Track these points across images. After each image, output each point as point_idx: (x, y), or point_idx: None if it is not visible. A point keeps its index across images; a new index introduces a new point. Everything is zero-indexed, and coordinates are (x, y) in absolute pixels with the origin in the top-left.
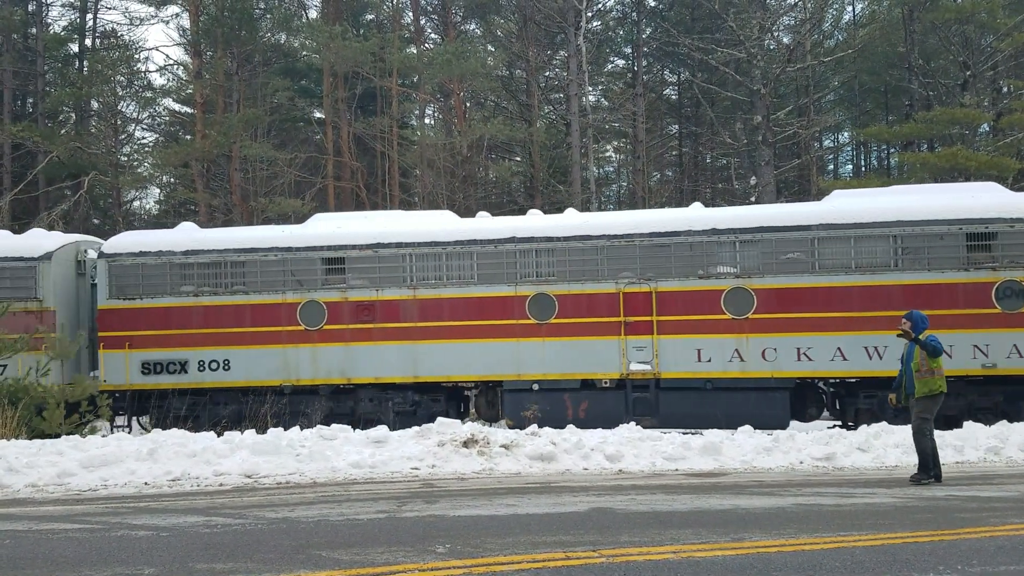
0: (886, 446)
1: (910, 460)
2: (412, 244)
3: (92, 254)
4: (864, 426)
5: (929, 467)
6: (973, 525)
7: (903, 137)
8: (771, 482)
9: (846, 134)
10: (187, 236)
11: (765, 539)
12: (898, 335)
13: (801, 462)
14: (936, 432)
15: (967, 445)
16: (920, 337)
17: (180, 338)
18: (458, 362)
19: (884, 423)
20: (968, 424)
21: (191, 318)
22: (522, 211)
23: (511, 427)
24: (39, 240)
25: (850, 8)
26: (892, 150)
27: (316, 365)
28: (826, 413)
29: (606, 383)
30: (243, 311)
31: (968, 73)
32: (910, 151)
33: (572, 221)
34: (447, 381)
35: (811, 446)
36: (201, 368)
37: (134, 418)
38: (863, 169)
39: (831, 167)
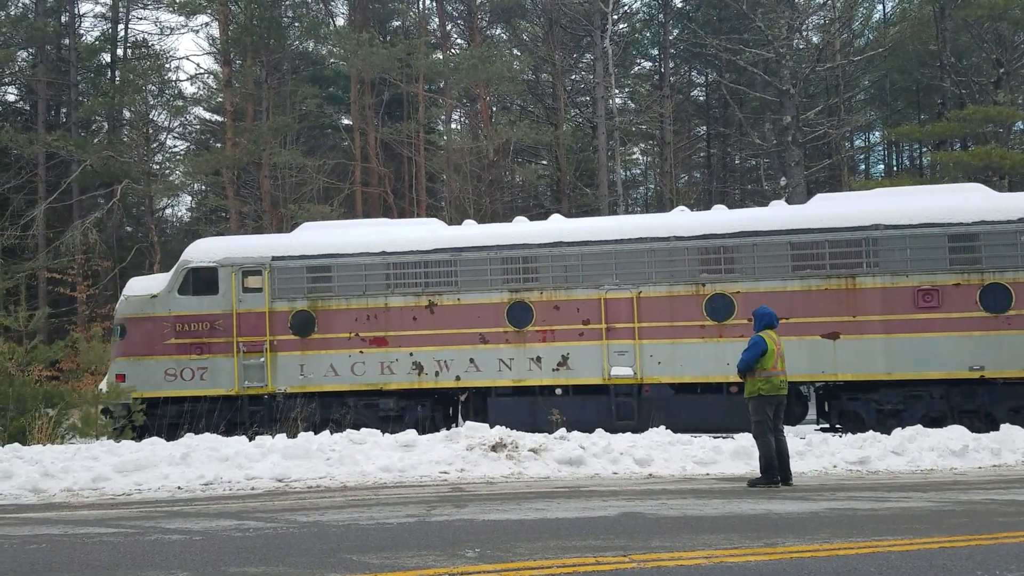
0: (921, 449)
1: (946, 464)
2: None
3: None
4: (898, 429)
5: (773, 470)
6: (1012, 530)
7: (935, 136)
8: (804, 486)
9: (877, 133)
10: None
11: (799, 544)
12: None
13: (835, 466)
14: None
15: (1004, 448)
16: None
17: None
18: None
19: (919, 426)
20: (1005, 426)
21: None
22: (548, 216)
23: None
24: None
25: (880, 6)
26: (924, 149)
27: None
28: None
29: None
30: None
31: (1001, 70)
32: (943, 150)
33: None
34: None
35: (844, 450)
36: None
37: None
38: (895, 169)
39: (862, 167)
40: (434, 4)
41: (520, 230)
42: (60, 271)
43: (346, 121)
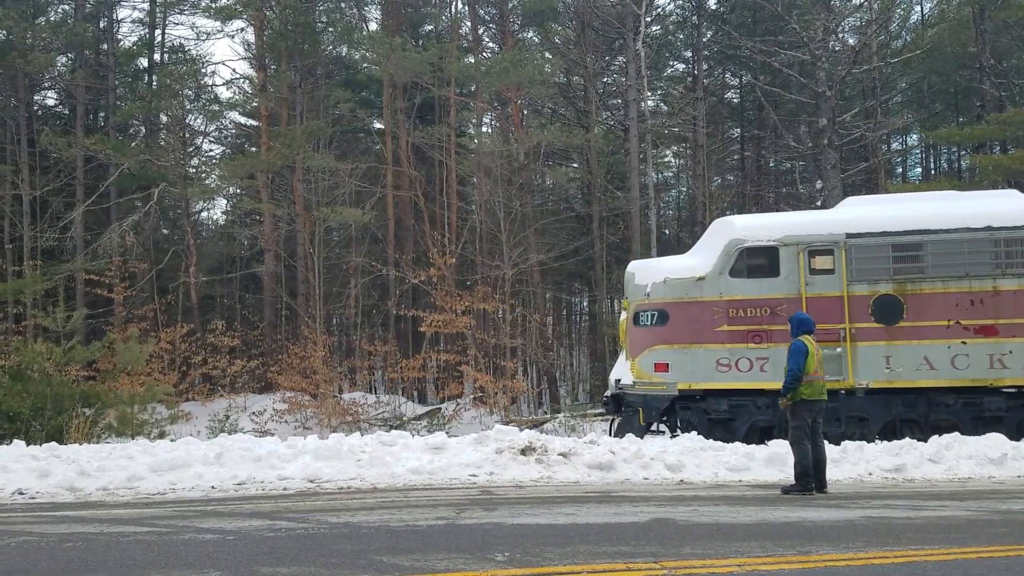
0: (958, 457)
1: (984, 472)
2: None
3: None
4: (935, 436)
5: (808, 477)
6: None
7: (974, 139)
8: (839, 494)
9: (915, 136)
10: None
11: (833, 553)
12: None
13: (870, 473)
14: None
15: None
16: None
17: None
18: None
19: (955, 434)
20: None
21: None
22: (579, 219)
23: None
24: None
25: (918, 8)
26: (963, 153)
27: None
28: None
29: None
30: None
31: None
32: (982, 153)
33: None
34: None
35: (880, 457)
36: None
37: None
38: (932, 172)
39: (899, 170)
40: (466, 8)
41: None
42: (97, 273)
43: (378, 125)
